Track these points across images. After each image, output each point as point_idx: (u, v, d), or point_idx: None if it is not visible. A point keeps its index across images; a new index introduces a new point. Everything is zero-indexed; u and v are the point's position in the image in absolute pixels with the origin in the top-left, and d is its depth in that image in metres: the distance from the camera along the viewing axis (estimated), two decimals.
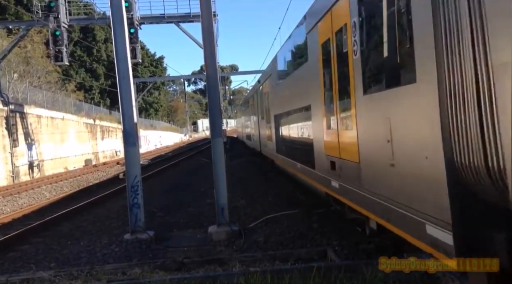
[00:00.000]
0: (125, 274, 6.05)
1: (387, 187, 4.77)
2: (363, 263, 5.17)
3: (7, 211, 13.81)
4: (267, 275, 4.88)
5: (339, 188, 6.75)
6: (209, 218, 9.75)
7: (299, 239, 7.60)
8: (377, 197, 5.01)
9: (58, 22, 20.67)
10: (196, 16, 23.60)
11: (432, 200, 3.74)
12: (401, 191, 4.42)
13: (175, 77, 70.68)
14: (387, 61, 4.76)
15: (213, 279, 5.13)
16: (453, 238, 3.40)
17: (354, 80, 5.68)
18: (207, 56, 9.10)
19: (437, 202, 3.64)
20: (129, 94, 8.85)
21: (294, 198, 11.39)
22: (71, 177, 23.00)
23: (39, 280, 5.98)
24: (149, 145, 52.23)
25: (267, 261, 6.28)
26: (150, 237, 8.29)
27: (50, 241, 9.10)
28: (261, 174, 17.24)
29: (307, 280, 4.76)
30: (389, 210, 4.65)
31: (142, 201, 8.70)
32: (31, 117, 25.45)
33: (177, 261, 6.56)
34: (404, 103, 4.29)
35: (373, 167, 5.22)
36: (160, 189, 15.69)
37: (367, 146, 5.41)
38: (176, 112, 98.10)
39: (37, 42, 35.61)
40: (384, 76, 4.91)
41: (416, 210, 4.05)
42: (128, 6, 19.15)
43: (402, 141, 4.36)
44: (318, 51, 7.70)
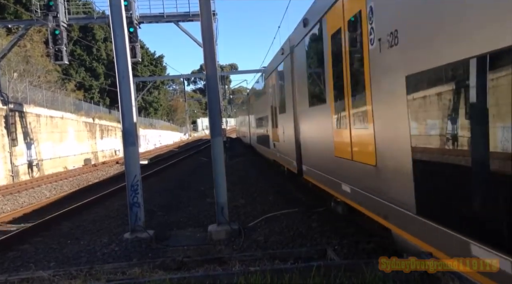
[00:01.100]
0: (124, 273, 6.04)
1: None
2: (363, 262, 5.16)
3: (7, 210, 13.81)
4: (266, 274, 4.87)
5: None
6: (209, 217, 9.75)
7: (299, 238, 7.60)
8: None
9: (57, 21, 20.66)
10: (195, 15, 23.56)
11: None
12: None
13: (175, 76, 70.52)
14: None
15: (213, 279, 5.13)
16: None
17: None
18: (207, 55, 9.08)
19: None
20: (129, 93, 8.84)
21: (294, 197, 11.40)
22: (70, 177, 23.00)
23: (38, 279, 5.97)
24: (149, 144, 52.19)
25: (266, 260, 6.27)
26: (150, 236, 8.29)
27: (49, 241, 9.10)
28: (261, 173, 17.24)
29: (307, 279, 4.76)
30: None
31: (142, 200, 8.70)
32: (30, 116, 25.42)
33: (177, 261, 6.55)
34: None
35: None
36: (160, 188, 15.69)
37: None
38: (176, 111, 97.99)
39: (36, 41, 35.58)
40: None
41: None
42: (127, 5, 19.15)
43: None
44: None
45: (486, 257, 3.15)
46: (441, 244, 3.81)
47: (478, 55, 3.24)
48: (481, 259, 3.17)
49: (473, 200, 3.49)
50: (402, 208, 4.59)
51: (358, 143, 6.06)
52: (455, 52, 3.53)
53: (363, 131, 5.71)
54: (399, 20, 4.55)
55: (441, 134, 3.91)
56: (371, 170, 5.47)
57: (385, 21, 4.87)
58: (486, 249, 3.18)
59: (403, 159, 4.47)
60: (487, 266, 3.11)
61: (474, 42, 3.29)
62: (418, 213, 4.23)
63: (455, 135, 3.73)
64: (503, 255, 2.99)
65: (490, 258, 3.11)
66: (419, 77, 4.14)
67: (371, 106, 5.36)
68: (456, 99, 3.71)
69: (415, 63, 4.20)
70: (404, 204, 4.54)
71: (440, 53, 3.75)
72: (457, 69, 3.62)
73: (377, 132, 5.25)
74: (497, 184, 3.14)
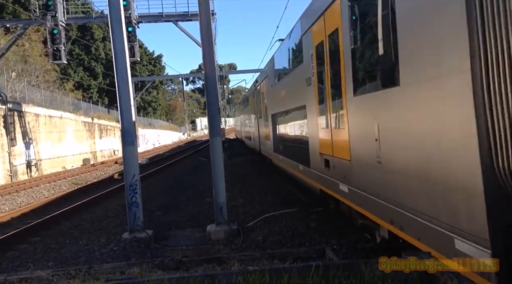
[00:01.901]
0: (123, 273, 6.03)
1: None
2: (362, 261, 5.15)
3: (6, 209, 13.78)
4: (265, 274, 4.86)
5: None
6: (207, 217, 9.74)
7: (298, 238, 7.60)
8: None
9: (55, 21, 20.62)
10: (194, 15, 23.54)
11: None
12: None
13: (174, 76, 70.47)
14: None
15: (212, 278, 5.11)
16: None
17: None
18: (206, 55, 9.07)
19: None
20: (128, 92, 8.83)
21: (293, 197, 11.40)
22: (69, 176, 22.96)
23: (37, 279, 5.95)
24: (148, 144, 52.15)
25: (265, 260, 6.27)
26: (149, 236, 8.28)
27: (48, 240, 9.08)
28: (260, 172, 17.25)
29: (306, 279, 4.75)
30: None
31: (140, 200, 8.69)
32: (29, 115, 25.38)
33: (176, 260, 6.55)
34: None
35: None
36: (158, 188, 15.68)
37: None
38: (175, 111, 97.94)
39: (35, 41, 35.49)
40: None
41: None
42: (126, 5, 19.11)
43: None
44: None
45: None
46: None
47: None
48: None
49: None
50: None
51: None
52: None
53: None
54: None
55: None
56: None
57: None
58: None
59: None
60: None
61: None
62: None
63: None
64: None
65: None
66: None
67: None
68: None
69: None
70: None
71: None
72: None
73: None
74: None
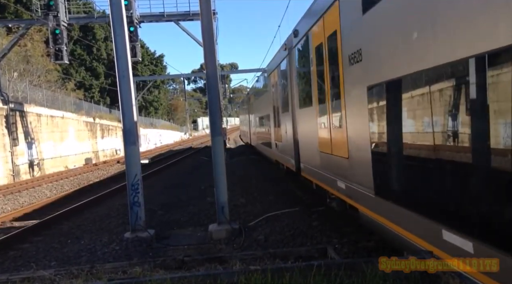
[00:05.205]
0: (125, 272, 6.04)
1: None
2: (363, 261, 5.16)
3: (8, 209, 13.82)
4: (267, 273, 4.87)
5: None
6: (209, 217, 9.75)
7: (299, 237, 7.61)
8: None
9: (57, 21, 20.63)
10: (195, 15, 23.53)
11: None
12: None
13: (175, 75, 70.33)
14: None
15: (214, 278, 5.12)
16: None
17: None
18: (207, 55, 9.08)
19: None
20: (129, 92, 8.84)
21: (294, 196, 11.40)
22: (71, 176, 23.01)
23: (39, 279, 5.97)
24: (149, 143, 52.19)
25: (267, 259, 6.27)
26: (151, 235, 8.30)
27: (50, 240, 9.11)
28: (261, 172, 17.25)
29: (307, 278, 4.76)
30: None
31: (142, 200, 8.70)
32: (31, 115, 25.43)
33: (178, 260, 6.56)
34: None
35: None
36: (160, 188, 15.70)
37: None
38: (176, 111, 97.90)
39: (37, 41, 35.54)
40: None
41: None
42: (127, 5, 19.12)
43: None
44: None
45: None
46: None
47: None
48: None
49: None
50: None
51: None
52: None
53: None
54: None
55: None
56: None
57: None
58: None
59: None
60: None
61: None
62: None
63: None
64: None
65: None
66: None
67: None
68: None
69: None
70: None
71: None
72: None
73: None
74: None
